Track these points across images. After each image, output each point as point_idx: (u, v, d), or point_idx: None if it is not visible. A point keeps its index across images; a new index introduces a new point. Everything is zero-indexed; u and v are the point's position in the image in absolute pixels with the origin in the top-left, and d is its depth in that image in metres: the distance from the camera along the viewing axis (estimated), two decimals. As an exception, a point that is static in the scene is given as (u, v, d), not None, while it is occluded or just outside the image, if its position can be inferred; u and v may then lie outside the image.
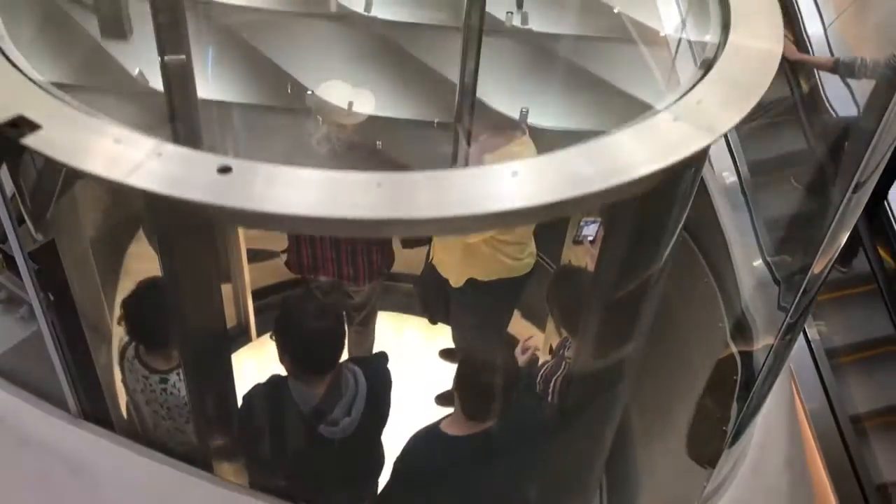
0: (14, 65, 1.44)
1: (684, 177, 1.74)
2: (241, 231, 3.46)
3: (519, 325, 3.60)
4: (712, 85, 1.66)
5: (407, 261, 3.83)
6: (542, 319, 3.22)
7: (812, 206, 2.35)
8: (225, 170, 1.23)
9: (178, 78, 2.49)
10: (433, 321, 3.83)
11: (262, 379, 2.06)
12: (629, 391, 2.41)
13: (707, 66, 1.79)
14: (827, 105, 3.78)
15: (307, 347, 2.13)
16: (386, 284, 3.83)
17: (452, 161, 3.38)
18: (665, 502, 2.43)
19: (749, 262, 2.76)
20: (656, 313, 3.02)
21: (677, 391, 2.90)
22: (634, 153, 1.43)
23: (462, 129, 3.29)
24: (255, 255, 3.91)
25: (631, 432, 2.94)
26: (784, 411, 2.63)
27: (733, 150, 2.93)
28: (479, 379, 2.42)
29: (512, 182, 1.31)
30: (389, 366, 2.54)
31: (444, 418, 2.31)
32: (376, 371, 2.44)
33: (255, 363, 3.18)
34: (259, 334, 4.10)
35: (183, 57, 2.26)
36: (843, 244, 1.96)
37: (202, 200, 1.18)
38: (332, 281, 3.41)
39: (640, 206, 1.68)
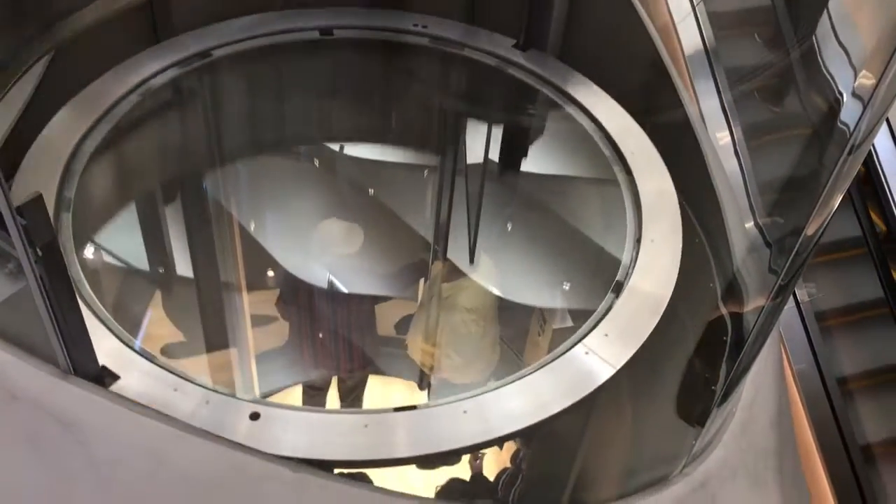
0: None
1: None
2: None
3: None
4: (617, 315, 2.37)
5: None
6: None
7: (806, 169, 2.33)
8: (255, 416, 1.72)
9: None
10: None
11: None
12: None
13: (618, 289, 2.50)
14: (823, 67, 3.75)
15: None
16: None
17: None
18: (653, 460, 2.46)
19: (741, 224, 2.76)
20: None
21: (667, 351, 2.92)
22: (554, 389, 2.11)
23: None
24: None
25: (620, 391, 2.96)
26: (772, 372, 2.65)
27: (727, 109, 2.90)
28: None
29: (464, 420, 1.93)
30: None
31: None
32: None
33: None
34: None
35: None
36: (836, 206, 1.95)
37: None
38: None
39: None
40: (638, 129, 3.04)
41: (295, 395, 4.58)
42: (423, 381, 4.43)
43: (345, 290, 4.06)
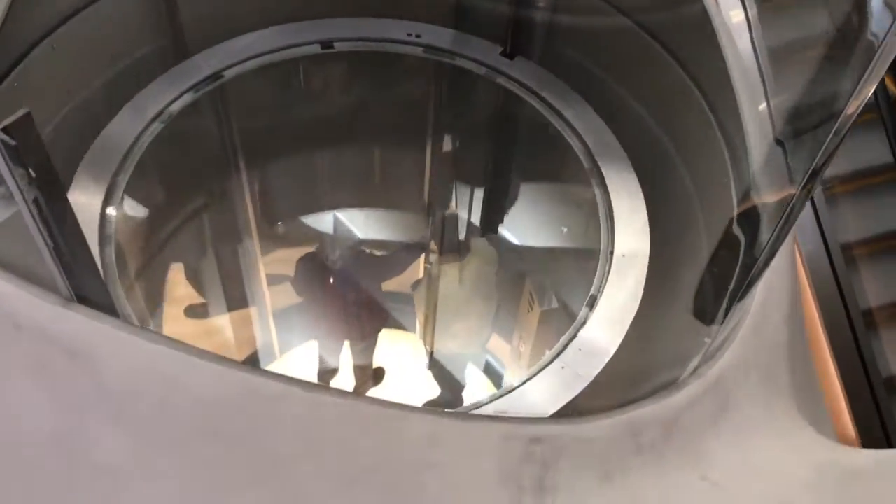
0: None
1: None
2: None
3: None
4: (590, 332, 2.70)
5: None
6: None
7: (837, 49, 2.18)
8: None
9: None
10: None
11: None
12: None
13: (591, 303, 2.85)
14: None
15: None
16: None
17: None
18: (666, 360, 2.45)
19: (755, 110, 2.65)
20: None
21: (682, 247, 2.87)
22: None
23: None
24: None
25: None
26: (787, 265, 2.61)
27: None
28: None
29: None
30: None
31: None
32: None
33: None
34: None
35: None
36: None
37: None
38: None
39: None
40: (615, 142, 3.31)
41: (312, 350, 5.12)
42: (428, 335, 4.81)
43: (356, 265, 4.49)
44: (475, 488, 1.62)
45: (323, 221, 4.75)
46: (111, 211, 2.81)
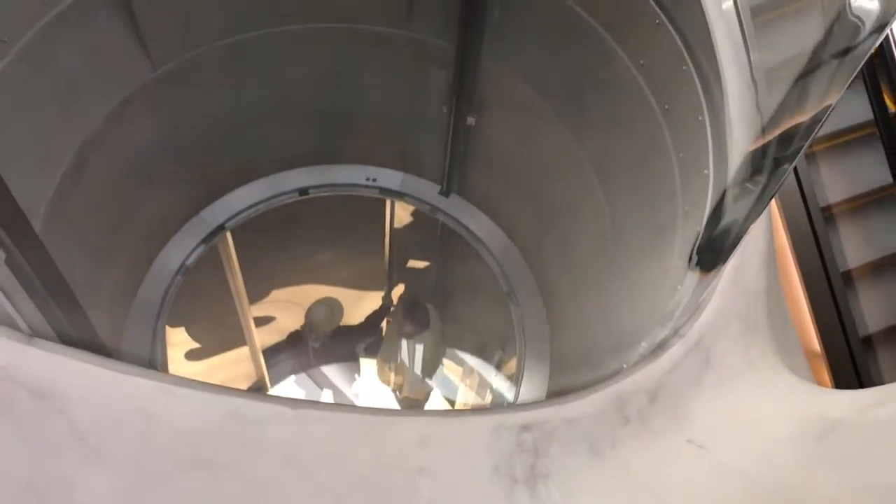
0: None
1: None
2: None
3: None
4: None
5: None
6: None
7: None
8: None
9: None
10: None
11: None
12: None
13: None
14: None
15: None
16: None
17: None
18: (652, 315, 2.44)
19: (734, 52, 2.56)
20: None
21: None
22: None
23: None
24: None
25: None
26: (763, 215, 2.58)
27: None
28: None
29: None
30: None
31: None
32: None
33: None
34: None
35: None
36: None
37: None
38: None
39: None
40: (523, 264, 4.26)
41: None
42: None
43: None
44: (469, 487, 1.61)
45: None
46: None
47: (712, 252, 2.29)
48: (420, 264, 5.55)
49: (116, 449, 1.38)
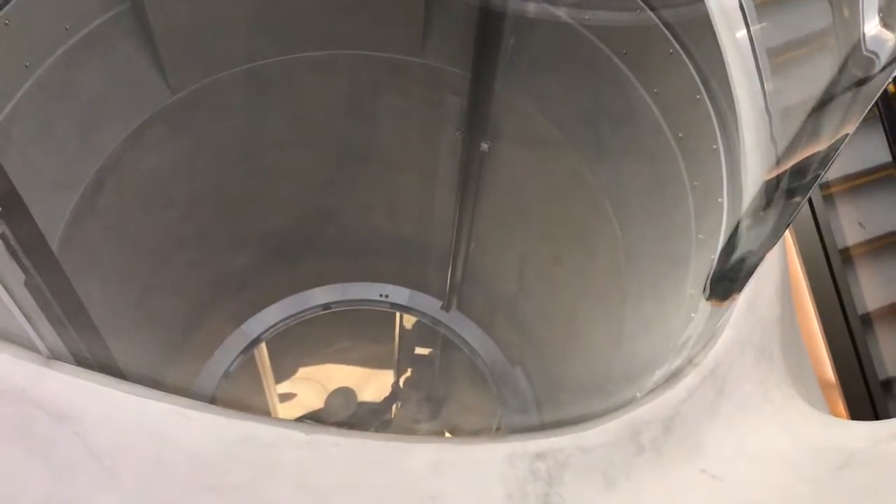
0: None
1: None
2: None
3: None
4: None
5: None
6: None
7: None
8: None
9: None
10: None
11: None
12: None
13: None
14: None
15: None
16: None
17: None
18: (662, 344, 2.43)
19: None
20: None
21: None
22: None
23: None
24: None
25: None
26: (778, 244, 2.58)
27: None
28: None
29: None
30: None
31: None
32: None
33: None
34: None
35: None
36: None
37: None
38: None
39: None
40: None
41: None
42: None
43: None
44: (482, 515, 1.60)
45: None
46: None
47: (727, 281, 2.28)
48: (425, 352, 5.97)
49: (131, 471, 1.38)
